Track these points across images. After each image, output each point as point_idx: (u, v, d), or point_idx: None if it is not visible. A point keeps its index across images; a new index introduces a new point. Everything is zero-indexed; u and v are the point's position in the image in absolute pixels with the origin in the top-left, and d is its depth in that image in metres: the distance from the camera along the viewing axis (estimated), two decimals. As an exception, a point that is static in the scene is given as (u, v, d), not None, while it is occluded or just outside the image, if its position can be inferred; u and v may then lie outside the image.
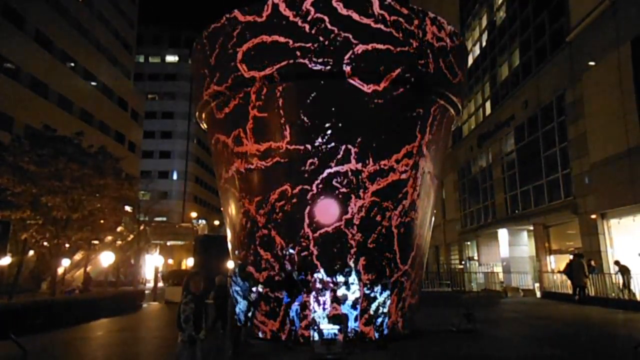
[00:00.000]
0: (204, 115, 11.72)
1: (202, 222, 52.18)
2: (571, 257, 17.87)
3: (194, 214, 58.17)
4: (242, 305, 8.71)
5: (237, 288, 8.77)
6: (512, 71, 24.81)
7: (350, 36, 9.49)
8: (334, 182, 9.57)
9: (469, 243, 31.15)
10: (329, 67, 9.44)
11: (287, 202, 9.72)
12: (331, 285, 9.34)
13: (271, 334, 9.79)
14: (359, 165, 9.63)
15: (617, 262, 15.50)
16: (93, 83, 43.41)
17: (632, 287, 15.07)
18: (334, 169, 9.58)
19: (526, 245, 23.80)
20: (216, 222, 55.77)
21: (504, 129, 24.92)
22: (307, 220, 9.53)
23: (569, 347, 9.19)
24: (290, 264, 9.55)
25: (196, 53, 11.78)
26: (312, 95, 9.73)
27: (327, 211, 9.46)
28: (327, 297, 9.27)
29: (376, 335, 9.48)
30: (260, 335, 9.99)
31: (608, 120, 16.42)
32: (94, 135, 34.73)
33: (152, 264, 32.03)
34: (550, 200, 20.15)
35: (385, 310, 9.63)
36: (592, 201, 17.24)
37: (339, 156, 9.58)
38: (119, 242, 32.13)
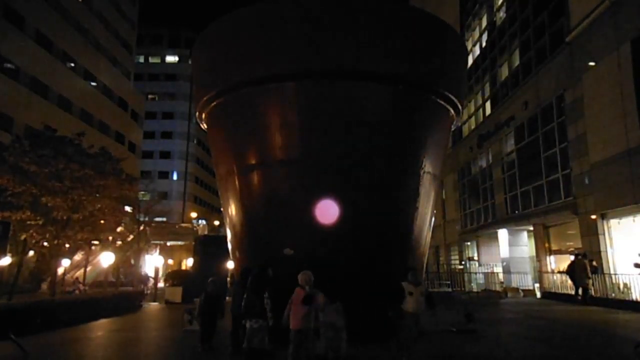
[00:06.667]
0: (204, 115, 11.71)
1: (202, 222, 52.18)
2: (572, 257, 17.81)
3: (194, 214, 58.18)
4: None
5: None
6: (512, 71, 24.80)
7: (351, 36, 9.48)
8: (334, 182, 9.55)
9: (469, 243, 31.13)
10: (329, 67, 9.43)
11: (286, 202, 9.71)
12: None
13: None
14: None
15: (637, 265, 15.13)
16: (93, 83, 43.44)
17: None
18: (334, 168, 9.56)
19: (526, 245, 23.79)
20: (216, 222, 55.73)
21: (504, 129, 24.92)
22: (306, 220, 9.50)
23: (569, 347, 9.19)
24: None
25: (196, 53, 11.78)
26: (312, 95, 9.71)
27: (327, 211, 9.43)
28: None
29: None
30: None
31: (608, 120, 16.40)
32: (94, 136, 34.71)
33: (152, 264, 32.03)
34: (550, 201, 20.14)
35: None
36: (592, 201, 17.22)
37: (340, 156, 9.57)
38: (119, 243, 32.11)
